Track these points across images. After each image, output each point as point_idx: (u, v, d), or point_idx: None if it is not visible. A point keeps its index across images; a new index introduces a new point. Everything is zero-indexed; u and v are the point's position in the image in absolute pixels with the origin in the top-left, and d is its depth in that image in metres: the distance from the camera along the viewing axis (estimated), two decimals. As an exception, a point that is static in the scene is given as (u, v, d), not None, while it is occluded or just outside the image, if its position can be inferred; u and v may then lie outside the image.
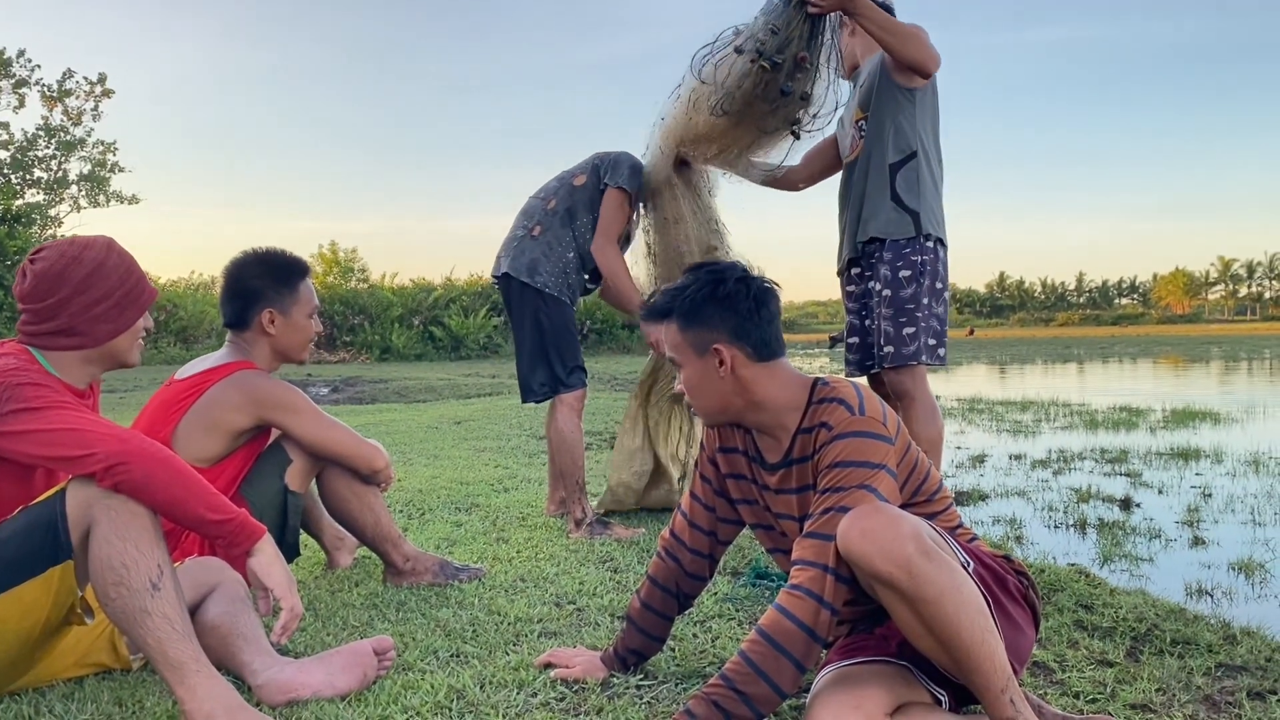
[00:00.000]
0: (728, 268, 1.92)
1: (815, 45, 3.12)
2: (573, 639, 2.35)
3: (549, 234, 3.71)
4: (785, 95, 3.09)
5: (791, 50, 3.06)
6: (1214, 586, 3.25)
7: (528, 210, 3.82)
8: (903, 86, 3.22)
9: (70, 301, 2.01)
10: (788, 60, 3.06)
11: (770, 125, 3.23)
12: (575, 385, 3.71)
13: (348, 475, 2.84)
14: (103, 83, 26.34)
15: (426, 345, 25.06)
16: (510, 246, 3.74)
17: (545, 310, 3.67)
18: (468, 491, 4.59)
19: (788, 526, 1.92)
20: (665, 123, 3.45)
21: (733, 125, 3.24)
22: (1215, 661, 2.21)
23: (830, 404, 1.81)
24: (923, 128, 3.24)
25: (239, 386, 2.65)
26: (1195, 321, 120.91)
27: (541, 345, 3.68)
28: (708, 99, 3.17)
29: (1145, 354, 25.82)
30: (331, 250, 28.21)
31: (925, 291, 3.22)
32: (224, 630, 2.07)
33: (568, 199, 3.75)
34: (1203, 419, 8.36)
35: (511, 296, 3.74)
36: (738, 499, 2.05)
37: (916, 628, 1.59)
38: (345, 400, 11.60)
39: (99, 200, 26.60)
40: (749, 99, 3.13)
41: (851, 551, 1.59)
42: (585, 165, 3.82)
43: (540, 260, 3.68)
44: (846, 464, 1.73)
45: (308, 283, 2.86)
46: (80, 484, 1.83)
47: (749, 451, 1.99)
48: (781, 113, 3.20)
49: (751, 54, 3.06)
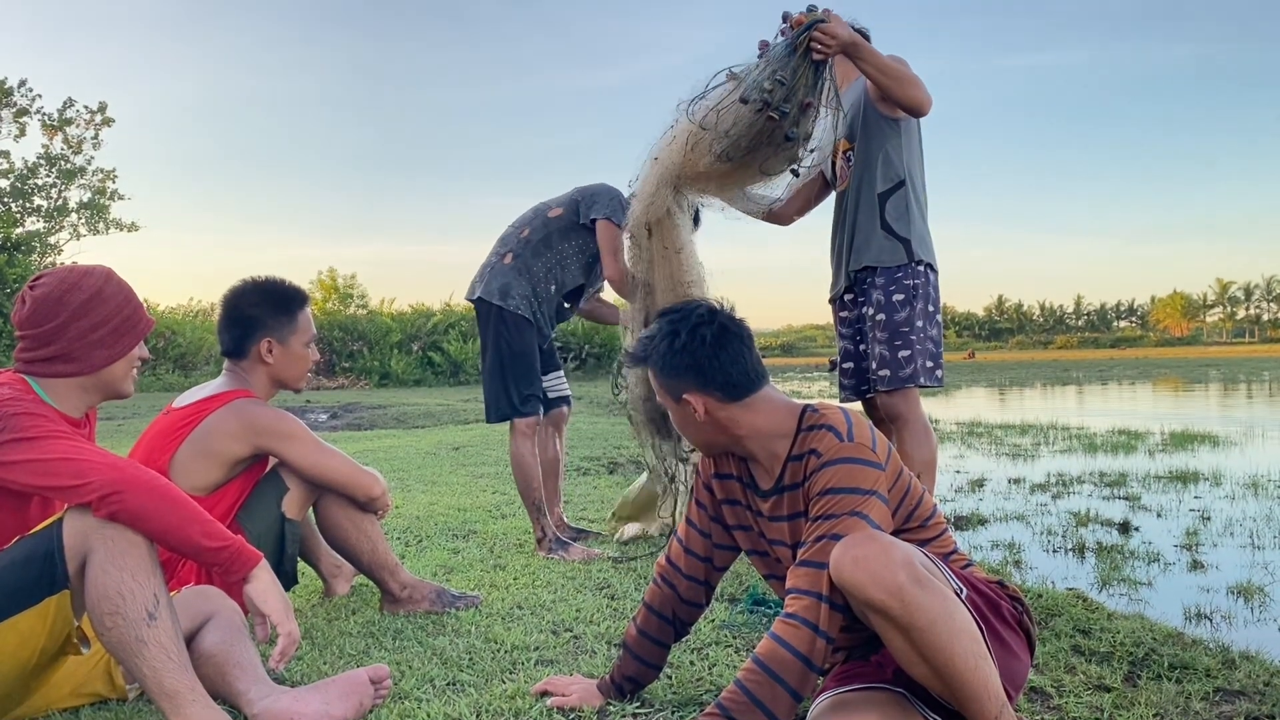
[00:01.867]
0: (683, 315, 1.91)
1: (819, 90, 3.13)
2: (569, 667, 2.34)
3: (520, 261, 3.83)
4: (790, 141, 3.09)
5: (798, 99, 3.06)
6: (1213, 610, 3.24)
7: (503, 238, 3.96)
8: (888, 117, 3.28)
9: (68, 326, 2.03)
10: (794, 108, 3.06)
11: (773, 168, 3.24)
12: (528, 413, 3.82)
13: (345, 503, 2.84)
14: (103, 111, 26.46)
15: (425, 371, 25.07)
16: (484, 272, 3.88)
17: (507, 336, 3.78)
18: (465, 518, 4.59)
19: (781, 553, 1.93)
20: (660, 161, 3.39)
21: (736, 169, 3.24)
22: (1213, 686, 2.21)
23: (819, 430, 1.82)
24: (909, 156, 3.30)
25: (236, 415, 2.66)
26: (1193, 344, 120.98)
27: (500, 370, 3.80)
28: (709, 146, 3.14)
29: (1144, 376, 25.83)
30: (330, 276, 28.31)
31: (919, 315, 3.25)
32: (220, 659, 2.06)
33: (542, 229, 3.88)
34: (1202, 442, 8.36)
35: (481, 319, 3.88)
36: (733, 525, 2.05)
37: (910, 655, 1.60)
38: (344, 427, 11.59)
39: (99, 228, 26.64)
40: (754, 146, 3.12)
41: (844, 579, 1.60)
42: (563, 199, 3.96)
43: (512, 284, 3.79)
44: (837, 490, 1.74)
45: (306, 311, 2.87)
46: (77, 514, 1.83)
47: (743, 477, 2.00)
48: (784, 154, 3.21)
49: (758, 104, 3.02)
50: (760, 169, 3.22)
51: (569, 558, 3.63)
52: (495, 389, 3.82)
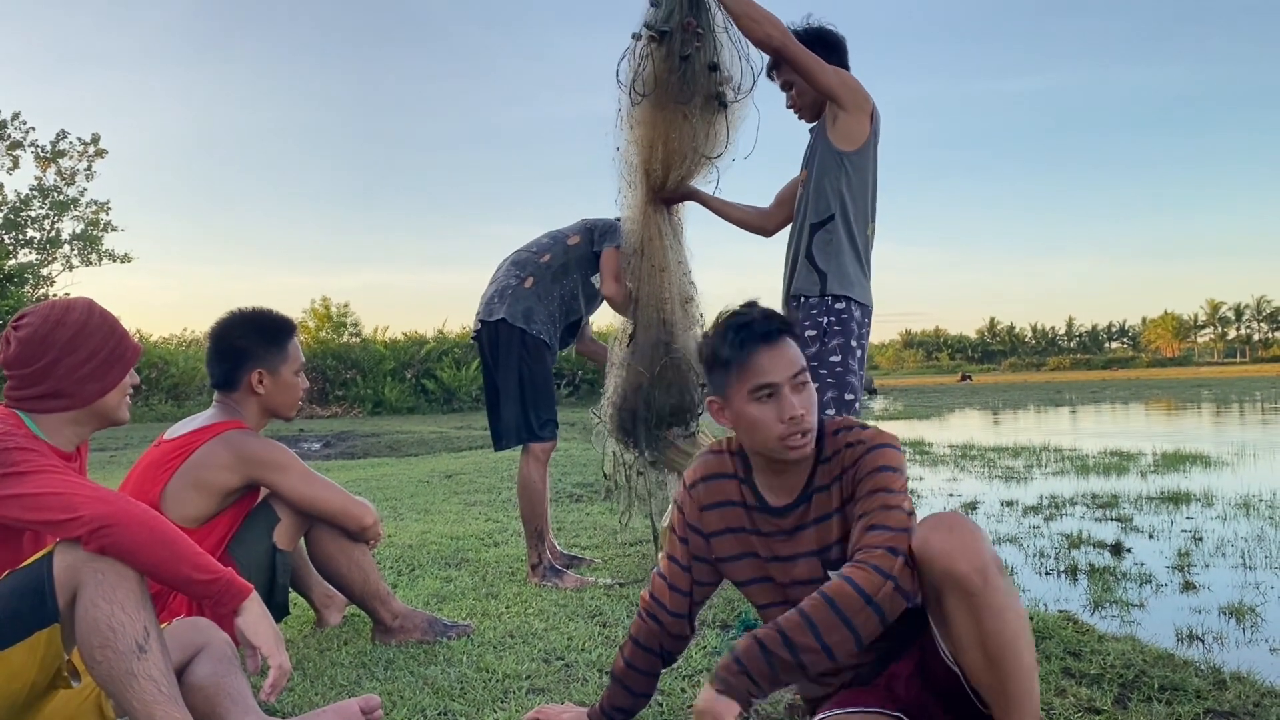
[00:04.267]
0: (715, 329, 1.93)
1: (701, 13, 3.35)
2: (561, 695, 2.34)
3: (540, 286, 3.84)
4: (686, 61, 3.29)
5: (676, 18, 3.29)
6: (1204, 631, 3.24)
7: (520, 262, 3.94)
8: (835, 150, 3.30)
9: (57, 364, 2.03)
10: (675, 27, 3.29)
11: (686, 97, 3.38)
12: (546, 438, 3.82)
13: (336, 533, 2.84)
14: (96, 143, 26.59)
15: (419, 398, 25.02)
16: (505, 295, 3.84)
17: (529, 359, 3.78)
18: (458, 546, 4.58)
19: (799, 570, 1.90)
20: (621, 152, 3.63)
21: (657, 110, 3.41)
22: (1204, 708, 2.22)
23: (850, 429, 1.88)
24: (846, 191, 3.29)
25: (228, 446, 2.67)
26: (1185, 364, 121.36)
27: (520, 393, 3.78)
28: (633, 98, 3.42)
29: (1136, 397, 25.89)
30: (324, 305, 28.21)
31: (831, 350, 3.27)
32: (211, 691, 2.06)
33: (562, 256, 3.91)
34: (1194, 462, 8.38)
35: (500, 342, 3.82)
36: (729, 555, 1.99)
37: (972, 637, 1.61)
38: (337, 455, 11.57)
39: (91, 259, 26.71)
40: (657, 75, 3.34)
41: (932, 547, 1.62)
42: (578, 227, 4.01)
43: (535, 308, 3.80)
44: (891, 469, 1.80)
45: (295, 340, 2.88)
46: (67, 548, 1.83)
47: (747, 501, 1.96)
48: (695, 85, 3.38)
49: (641, 32, 3.34)
50: (679, 102, 3.38)
51: (563, 585, 3.63)
52: (514, 413, 3.80)
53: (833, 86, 3.24)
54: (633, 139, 3.53)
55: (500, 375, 3.85)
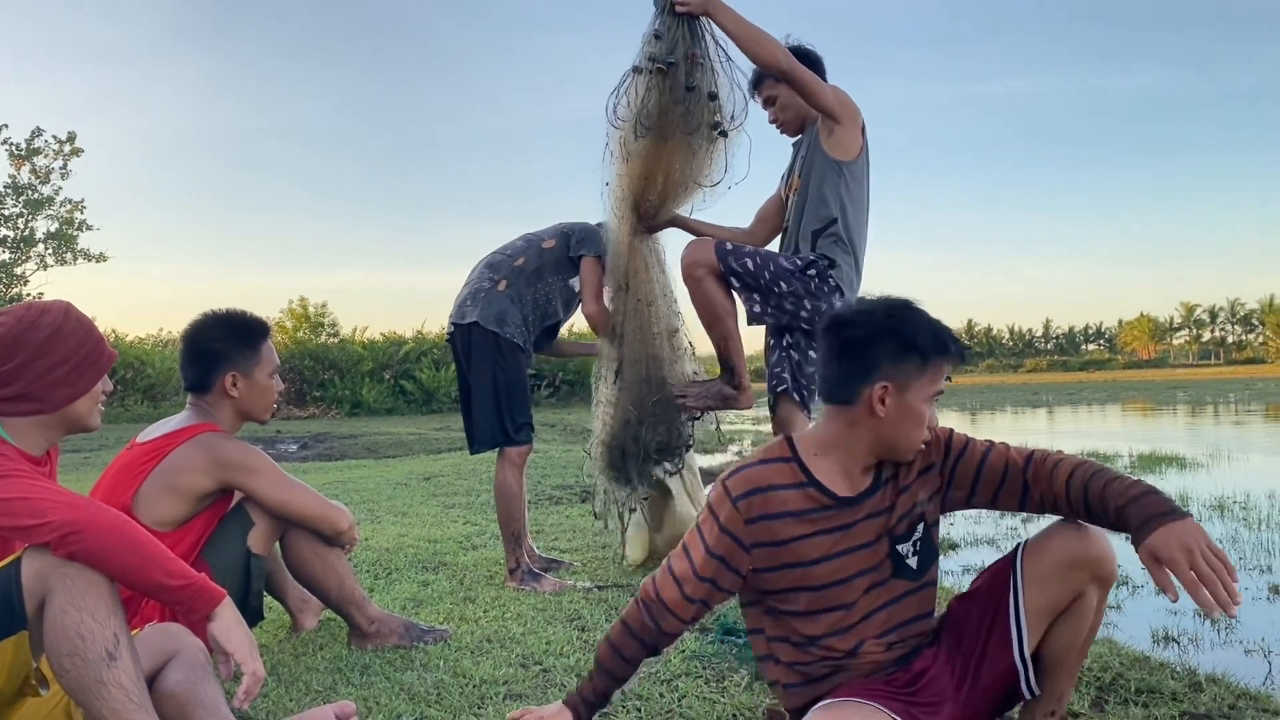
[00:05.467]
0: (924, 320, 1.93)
1: (701, 44, 3.37)
2: (538, 700, 2.33)
3: (514, 289, 3.82)
4: (691, 91, 3.31)
5: (680, 50, 3.31)
6: (1180, 633, 3.27)
7: (493, 264, 3.92)
8: (832, 159, 3.38)
9: (29, 366, 1.99)
10: (680, 58, 3.31)
11: (692, 127, 3.39)
12: (521, 441, 3.80)
13: (311, 537, 2.82)
14: (71, 141, 26.27)
15: (397, 399, 24.89)
16: (478, 298, 3.82)
17: (503, 363, 3.76)
18: (435, 550, 4.56)
19: (877, 551, 1.93)
20: (611, 187, 3.60)
21: (659, 143, 3.41)
22: (1179, 710, 2.23)
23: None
24: (845, 199, 3.37)
25: (201, 449, 2.64)
26: (1161, 366, 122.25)
27: (495, 397, 3.76)
28: (633, 131, 3.41)
29: (1112, 399, 26.08)
30: (301, 305, 28.05)
31: (795, 285, 3.34)
32: (183, 698, 2.03)
33: (537, 259, 3.89)
34: (1169, 464, 8.44)
35: (474, 345, 3.80)
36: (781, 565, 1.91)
37: (1088, 625, 1.90)
38: (314, 457, 11.49)
39: (66, 258, 26.40)
40: (662, 108, 3.35)
41: (1096, 548, 1.87)
42: (553, 231, 3.99)
43: (508, 311, 3.78)
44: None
45: (269, 343, 2.86)
46: (35, 553, 1.80)
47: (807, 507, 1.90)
48: (697, 115, 3.39)
49: (647, 65, 3.34)
50: (682, 132, 3.39)
51: (540, 589, 3.61)
52: (488, 417, 3.78)
53: (831, 105, 3.33)
54: (626, 172, 3.51)
55: (474, 379, 3.83)
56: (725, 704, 2.26)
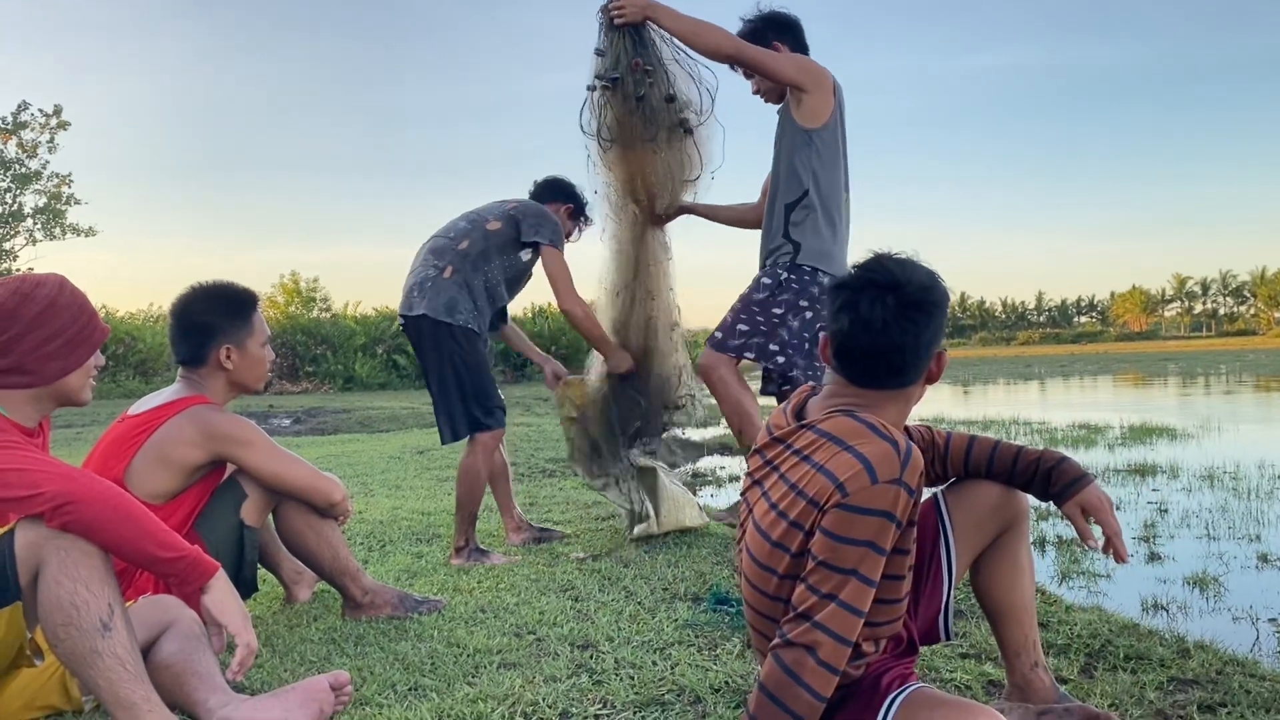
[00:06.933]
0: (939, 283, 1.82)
1: (646, 51, 3.46)
2: (532, 670, 2.34)
3: (461, 274, 3.69)
4: (642, 101, 3.41)
5: (624, 63, 3.42)
6: (1169, 601, 3.29)
7: (437, 250, 3.77)
8: (800, 127, 3.43)
9: (22, 339, 1.98)
10: (624, 71, 3.43)
11: (655, 133, 3.51)
12: (494, 425, 3.74)
13: (304, 509, 2.82)
14: (58, 114, 26.08)
15: (390, 374, 24.88)
16: (424, 288, 3.69)
17: (461, 351, 3.66)
18: (429, 522, 4.57)
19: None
20: (601, 194, 3.77)
21: (628, 150, 3.55)
22: (1167, 676, 2.25)
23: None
24: (817, 168, 3.42)
25: (193, 421, 2.63)
26: (1152, 338, 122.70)
27: (460, 387, 3.68)
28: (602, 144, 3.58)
29: (1104, 371, 26.16)
30: (293, 280, 27.99)
31: (778, 303, 3.49)
32: (178, 668, 2.04)
33: (481, 242, 3.75)
34: (1160, 435, 8.49)
35: (425, 337, 3.69)
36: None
37: (1022, 566, 1.98)
38: (307, 431, 11.49)
39: (55, 233, 26.26)
40: (619, 119, 3.48)
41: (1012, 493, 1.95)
42: (498, 212, 3.83)
43: (458, 298, 3.66)
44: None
45: (259, 313, 2.85)
46: (29, 524, 1.81)
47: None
48: (658, 119, 3.51)
49: (594, 82, 3.50)
50: (647, 139, 3.52)
51: (490, 563, 3.60)
52: (450, 407, 3.69)
53: (791, 76, 3.41)
54: (609, 179, 3.65)
55: (433, 372, 3.73)
56: (718, 671, 2.27)
